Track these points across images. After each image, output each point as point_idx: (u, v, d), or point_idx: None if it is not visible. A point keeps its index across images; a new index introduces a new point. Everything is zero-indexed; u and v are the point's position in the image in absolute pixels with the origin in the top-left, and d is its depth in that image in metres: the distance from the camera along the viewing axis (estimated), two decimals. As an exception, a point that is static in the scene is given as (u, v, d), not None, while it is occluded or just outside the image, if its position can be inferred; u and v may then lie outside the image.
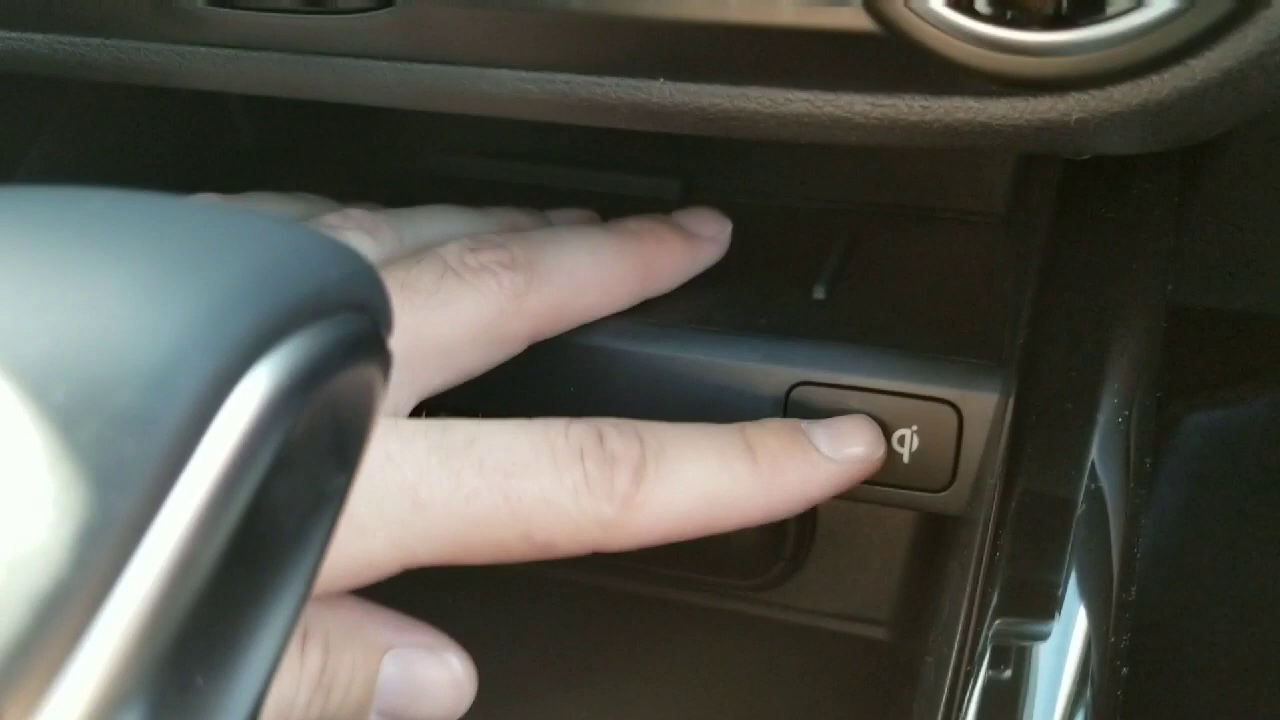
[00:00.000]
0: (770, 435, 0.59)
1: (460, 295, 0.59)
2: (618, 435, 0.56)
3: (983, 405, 0.60)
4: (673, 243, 0.67)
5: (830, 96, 0.46)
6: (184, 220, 0.33)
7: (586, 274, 0.63)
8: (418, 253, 0.61)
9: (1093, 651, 0.49)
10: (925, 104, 0.45)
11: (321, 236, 0.34)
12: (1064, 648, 0.49)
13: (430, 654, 0.61)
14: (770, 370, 0.62)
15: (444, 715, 0.61)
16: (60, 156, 0.76)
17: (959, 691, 0.50)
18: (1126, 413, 0.54)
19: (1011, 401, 0.57)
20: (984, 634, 0.50)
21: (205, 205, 0.34)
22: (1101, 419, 0.53)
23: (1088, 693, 0.48)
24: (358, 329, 0.34)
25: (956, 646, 0.52)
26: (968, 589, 0.54)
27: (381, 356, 0.35)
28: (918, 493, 0.62)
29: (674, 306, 0.66)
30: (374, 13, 0.47)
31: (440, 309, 0.58)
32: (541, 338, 0.64)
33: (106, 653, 0.29)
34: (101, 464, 0.28)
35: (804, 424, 0.60)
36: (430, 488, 0.52)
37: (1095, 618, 0.50)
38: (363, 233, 0.62)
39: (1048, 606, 0.50)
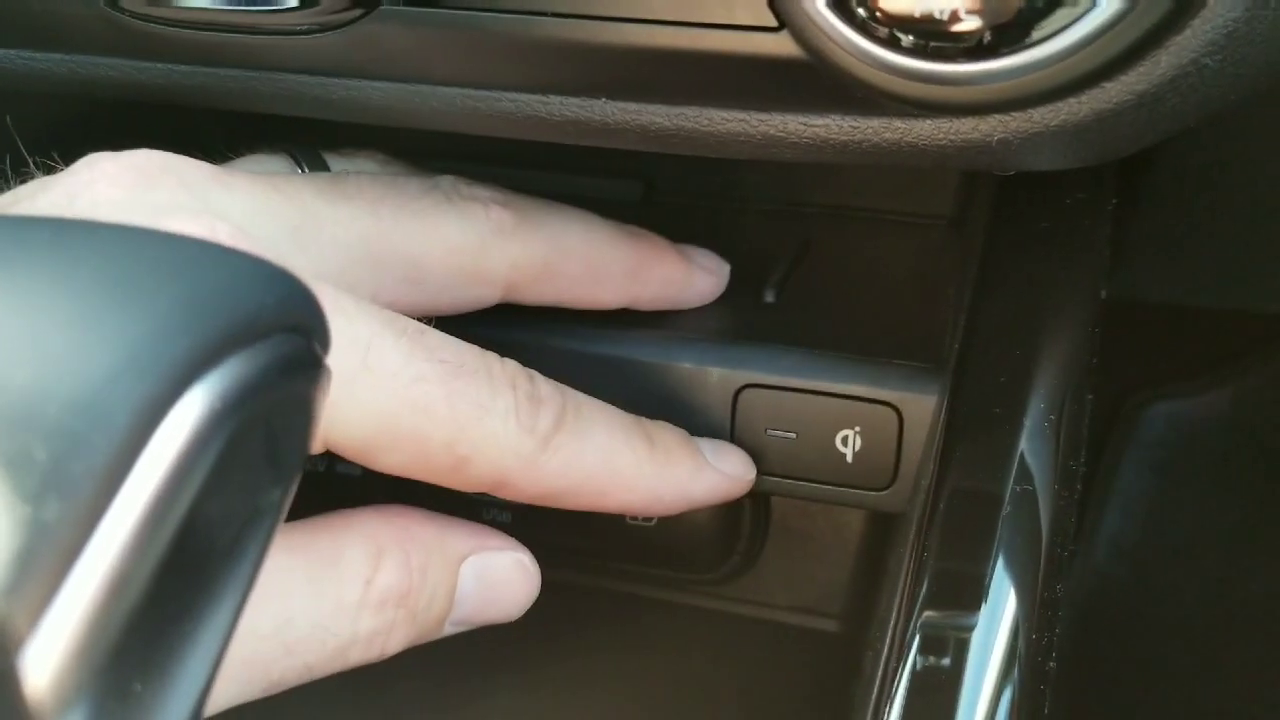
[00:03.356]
0: (666, 432, 0.62)
1: (443, 212, 0.59)
2: (544, 382, 0.57)
3: (923, 407, 0.61)
4: (670, 257, 0.68)
5: (763, 116, 0.48)
6: (126, 248, 0.34)
7: (575, 242, 0.63)
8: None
9: (1018, 645, 0.51)
10: (854, 124, 0.46)
11: (259, 260, 0.36)
12: (989, 641, 0.51)
13: (503, 555, 0.61)
14: (719, 373, 0.64)
15: (515, 614, 0.62)
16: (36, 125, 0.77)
17: (890, 682, 0.51)
18: (1054, 416, 0.56)
19: (945, 404, 0.59)
20: (912, 626, 0.52)
21: (149, 232, 0.35)
22: (1029, 422, 0.55)
23: (1012, 685, 0.50)
24: (292, 350, 0.35)
25: (889, 638, 0.53)
26: (901, 583, 0.55)
27: (317, 375, 0.37)
28: (861, 491, 0.64)
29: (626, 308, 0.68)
30: (325, 34, 0.48)
31: (416, 217, 0.57)
32: (516, 298, 0.63)
33: (47, 662, 0.30)
34: (40, 484, 0.30)
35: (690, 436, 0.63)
36: (380, 355, 0.50)
37: (1019, 613, 0.52)
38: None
39: (973, 601, 0.51)
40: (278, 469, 0.36)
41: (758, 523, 0.75)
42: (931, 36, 0.41)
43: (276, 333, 0.35)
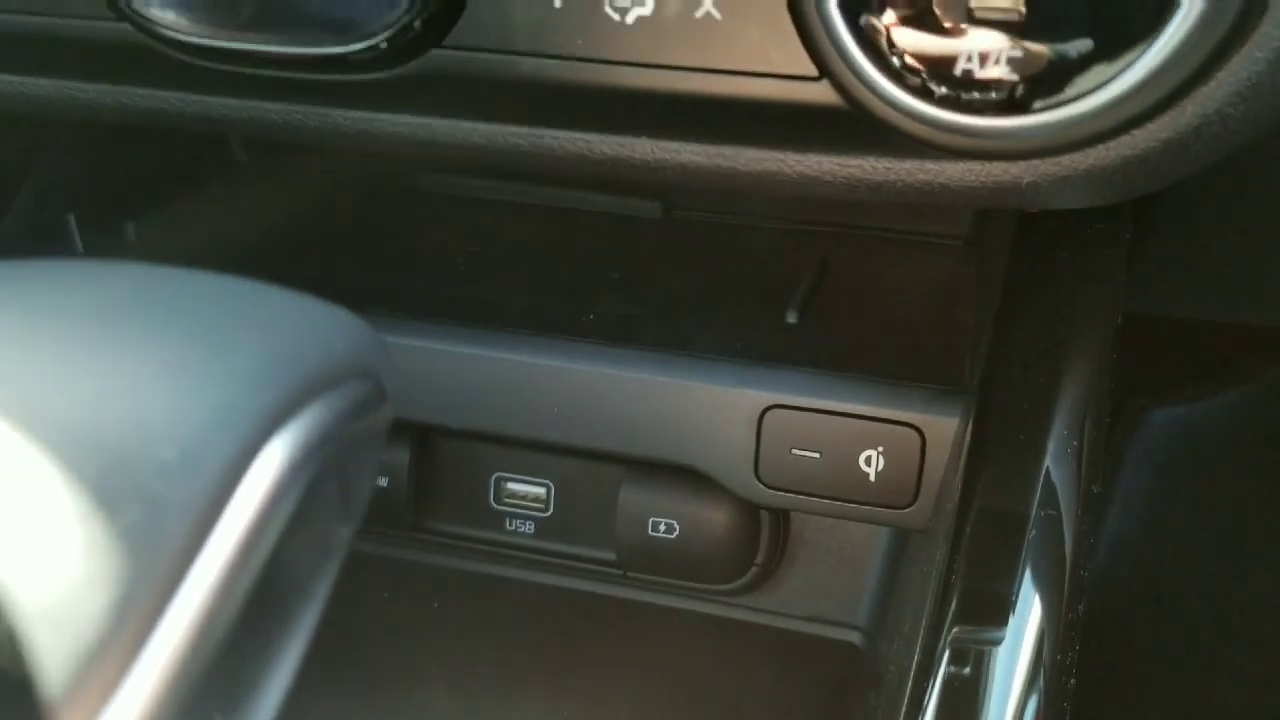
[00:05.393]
0: None
1: None
2: None
3: (944, 428, 0.63)
4: None
5: (799, 157, 0.49)
6: (210, 298, 0.36)
7: None
8: None
9: (1043, 663, 0.53)
10: (888, 165, 0.48)
11: (330, 308, 0.37)
12: (1015, 660, 0.53)
13: None
14: (745, 394, 0.66)
15: None
16: (60, 171, 0.79)
17: (919, 698, 0.53)
18: (1076, 443, 0.57)
19: (970, 428, 0.60)
20: (941, 643, 0.53)
21: (227, 281, 0.37)
22: (1053, 447, 0.57)
23: (1037, 700, 0.52)
24: (363, 394, 0.37)
25: (917, 654, 0.55)
26: (929, 600, 0.57)
27: (383, 416, 0.39)
28: (883, 510, 0.65)
29: (654, 329, 0.70)
30: (376, 73, 0.50)
31: None
32: None
33: (138, 701, 0.32)
34: (136, 532, 0.31)
35: None
36: None
37: (1044, 633, 0.53)
38: None
39: (1001, 621, 0.53)
40: (348, 507, 0.38)
41: (776, 535, 0.76)
42: (963, 88, 0.43)
43: (349, 379, 0.36)
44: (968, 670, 0.52)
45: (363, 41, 0.48)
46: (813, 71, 0.45)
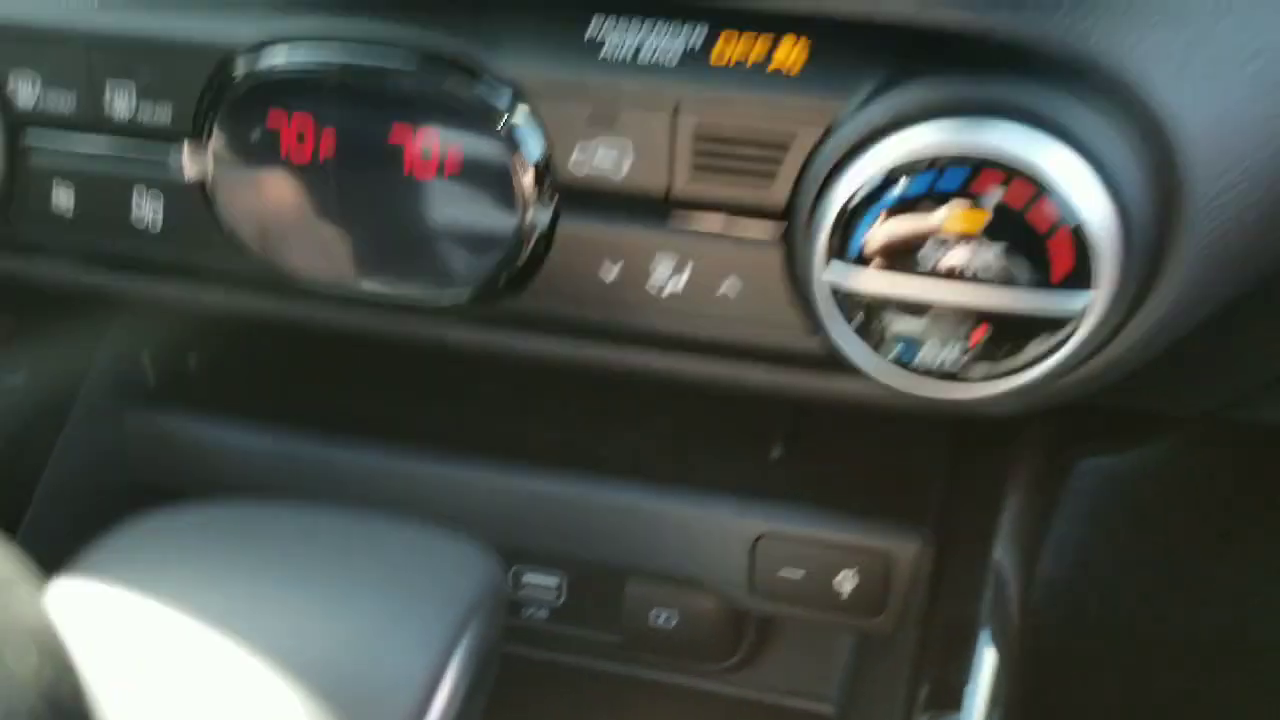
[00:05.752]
0: None
1: None
2: None
3: (908, 552, 0.76)
4: None
5: (791, 376, 0.63)
6: (384, 541, 0.49)
7: None
8: None
9: None
10: (862, 388, 0.61)
11: (468, 543, 0.51)
12: None
13: None
14: (740, 523, 0.79)
15: None
16: (136, 319, 0.89)
17: None
18: (1017, 568, 0.71)
19: (932, 552, 0.74)
20: None
21: (392, 524, 0.51)
22: (997, 567, 0.71)
23: None
24: (499, 604, 0.50)
25: None
26: (902, 691, 0.70)
27: (505, 614, 0.52)
28: (855, 618, 0.79)
29: (657, 461, 0.82)
30: (459, 314, 0.63)
31: None
32: None
33: None
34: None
35: None
36: None
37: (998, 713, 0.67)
38: None
39: (959, 704, 0.66)
40: (484, 689, 0.51)
41: (761, 625, 0.89)
42: (926, 364, 0.56)
43: (489, 599, 0.50)
44: None
45: (454, 292, 0.62)
46: (810, 330, 0.59)
